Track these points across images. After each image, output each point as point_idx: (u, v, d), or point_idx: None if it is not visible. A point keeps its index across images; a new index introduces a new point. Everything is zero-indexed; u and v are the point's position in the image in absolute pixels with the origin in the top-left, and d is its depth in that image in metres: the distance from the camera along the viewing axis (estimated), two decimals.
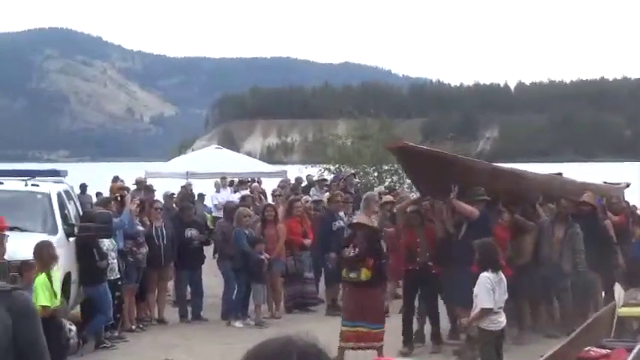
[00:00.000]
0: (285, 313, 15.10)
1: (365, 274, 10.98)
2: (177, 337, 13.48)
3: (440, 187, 11.77)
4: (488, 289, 9.14)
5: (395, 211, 13.53)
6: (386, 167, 25.93)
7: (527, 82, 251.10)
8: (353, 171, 24.98)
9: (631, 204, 17.07)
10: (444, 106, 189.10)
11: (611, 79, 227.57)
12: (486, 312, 9.18)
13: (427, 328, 12.53)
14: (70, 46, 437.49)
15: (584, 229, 13.31)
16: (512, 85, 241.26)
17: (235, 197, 21.13)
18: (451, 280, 11.75)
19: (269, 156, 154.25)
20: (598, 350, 10.09)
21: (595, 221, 13.95)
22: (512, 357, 10.49)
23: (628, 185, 18.12)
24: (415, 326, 12.44)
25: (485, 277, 9.17)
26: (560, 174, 16.21)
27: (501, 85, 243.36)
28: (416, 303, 12.52)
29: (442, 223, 12.22)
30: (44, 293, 10.07)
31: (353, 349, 10.98)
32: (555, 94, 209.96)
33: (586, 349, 10.05)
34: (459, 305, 11.47)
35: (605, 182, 18.28)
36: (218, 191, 24.01)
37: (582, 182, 16.06)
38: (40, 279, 10.21)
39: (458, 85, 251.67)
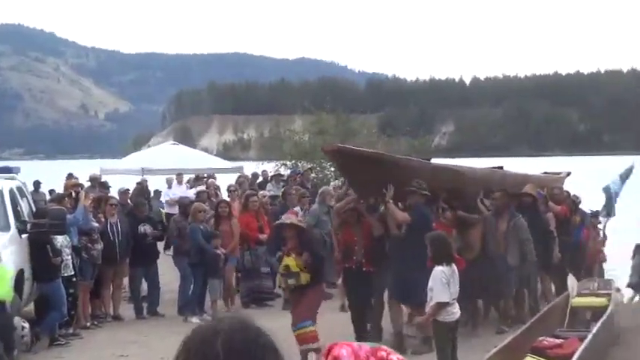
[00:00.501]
0: (241, 308, 15.07)
1: (305, 277, 10.57)
2: (134, 333, 13.40)
3: (378, 188, 11.50)
4: (444, 283, 9.14)
5: (333, 210, 13.33)
6: None
7: (482, 77, 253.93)
8: (310, 166, 25.01)
9: (572, 193, 17.11)
10: (400, 101, 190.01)
11: (564, 74, 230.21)
12: (443, 305, 9.19)
13: None
14: (23, 43, 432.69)
15: (527, 220, 13.22)
16: (467, 80, 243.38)
17: (191, 193, 21.05)
18: (398, 278, 11.47)
19: (225, 152, 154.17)
20: (551, 340, 10.20)
21: (536, 213, 13.93)
22: (466, 350, 10.54)
23: (569, 174, 17.98)
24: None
25: (440, 270, 9.16)
26: (500, 167, 16.04)
27: (457, 80, 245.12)
28: None
29: (380, 222, 11.89)
30: None
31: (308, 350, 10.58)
32: (510, 88, 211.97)
33: (540, 338, 10.15)
34: (407, 303, 11.59)
35: (545, 172, 18.15)
36: (170, 187, 23.88)
37: (524, 174, 16.06)
38: None
39: (414, 80, 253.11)
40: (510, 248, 12.93)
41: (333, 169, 25.31)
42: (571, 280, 13.46)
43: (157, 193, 24.42)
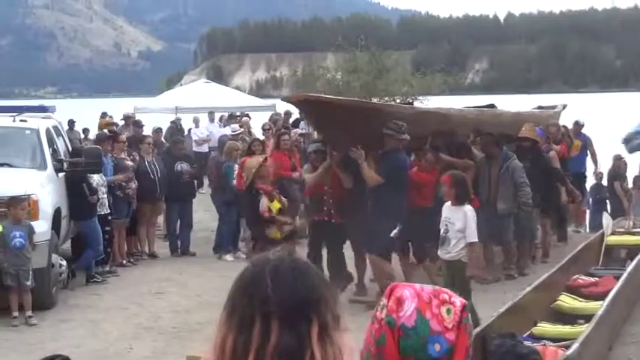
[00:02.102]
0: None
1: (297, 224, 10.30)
2: (169, 271, 13.54)
3: (353, 139, 10.60)
4: (475, 223, 9.03)
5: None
6: (375, 100, 25.83)
7: (517, 13, 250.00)
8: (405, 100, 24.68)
9: (575, 120, 16.76)
10: (433, 38, 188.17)
11: (600, 10, 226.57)
12: (476, 245, 9.12)
13: None
14: None
15: (529, 165, 12.48)
16: (501, 17, 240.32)
17: (223, 131, 21.08)
18: (369, 230, 10.64)
19: (258, 90, 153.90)
20: (586, 278, 10.20)
21: (538, 156, 13.12)
22: (482, 295, 10.50)
23: (564, 107, 16.91)
24: None
25: (471, 209, 9.03)
26: (492, 105, 15.15)
27: (491, 16, 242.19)
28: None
29: (350, 173, 11.03)
30: None
31: None
32: (545, 25, 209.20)
33: (574, 277, 10.15)
34: (379, 254, 10.70)
35: (540, 107, 16.99)
36: (197, 126, 23.87)
37: (516, 112, 15.17)
38: None
39: (447, 16, 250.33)
40: (502, 193, 12.14)
41: None
42: (606, 219, 13.40)
43: (190, 131, 24.51)
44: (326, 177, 11.13)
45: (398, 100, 25.71)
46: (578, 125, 17.17)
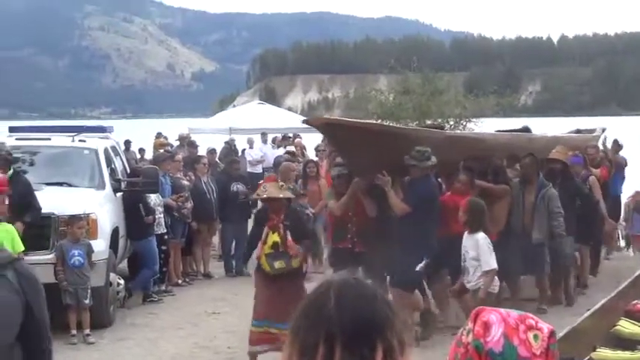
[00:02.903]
0: (328, 268, 15.14)
1: (296, 262, 9.02)
2: (223, 291, 13.60)
3: (379, 165, 10.06)
4: (491, 250, 8.78)
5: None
6: (429, 122, 25.75)
7: (571, 36, 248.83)
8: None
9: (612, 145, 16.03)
10: (486, 60, 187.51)
11: None
12: (494, 273, 8.90)
13: None
14: (111, 3, 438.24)
15: (558, 190, 11.80)
16: (555, 39, 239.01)
17: (276, 153, 21.19)
18: (394, 261, 10.04)
19: (310, 111, 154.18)
20: None
21: (569, 180, 12.33)
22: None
23: (604, 130, 16.35)
24: None
25: (484, 237, 8.78)
26: (526, 128, 14.57)
27: (544, 38, 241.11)
28: None
29: (374, 200, 10.48)
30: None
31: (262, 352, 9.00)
32: (599, 47, 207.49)
33: (634, 302, 9.99)
34: (402, 287, 9.95)
35: (578, 130, 16.29)
36: (251, 147, 24.02)
37: (553, 136, 14.48)
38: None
39: (500, 38, 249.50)
40: (538, 222, 11.53)
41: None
42: None
43: (244, 152, 24.68)
44: (350, 203, 10.61)
45: (452, 123, 25.68)
46: (617, 145, 16.87)
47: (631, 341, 8.71)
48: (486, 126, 19.36)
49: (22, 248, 9.31)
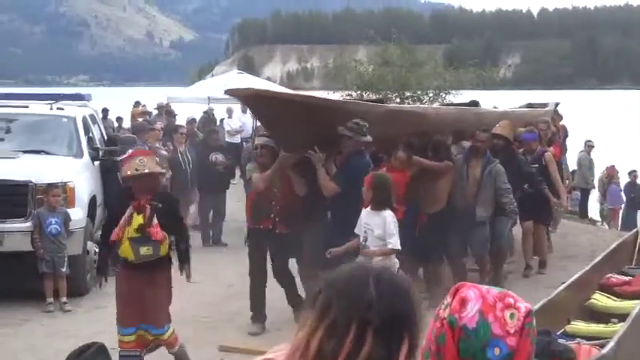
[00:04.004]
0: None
1: (164, 248, 7.69)
2: (200, 261, 13.50)
3: (311, 141, 9.19)
4: (397, 229, 8.18)
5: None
6: (408, 93, 25.75)
7: (551, 9, 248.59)
8: (376, 97, 24.78)
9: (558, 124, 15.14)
10: (465, 32, 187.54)
11: (636, 5, 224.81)
12: (394, 253, 8.18)
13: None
14: None
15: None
16: (535, 12, 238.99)
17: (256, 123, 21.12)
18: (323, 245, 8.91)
19: (289, 82, 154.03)
20: (620, 277, 10.14)
21: (512, 157, 11.64)
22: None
23: (557, 105, 15.84)
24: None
25: (391, 215, 8.17)
26: (475, 102, 14.21)
27: (524, 11, 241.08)
28: None
29: (304, 177, 9.52)
30: None
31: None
32: (579, 20, 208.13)
33: (607, 275, 10.09)
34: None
35: (530, 104, 15.80)
36: (230, 117, 23.89)
37: (502, 111, 13.91)
38: None
39: (480, 11, 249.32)
40: (482, 199, 10.90)
41: (398, 100, 25.16)
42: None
43: (223, 122, 24.60)
44: (275, 178, 9.51)
45: (431, 94, 25.68)
46: (557, 115, 16.14)
47: (604, 314, 8.80)
48: (465, 98, 19.34)
49: None
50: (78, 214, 11.01)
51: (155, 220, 7.54)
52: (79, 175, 11.51)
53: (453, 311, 2.04)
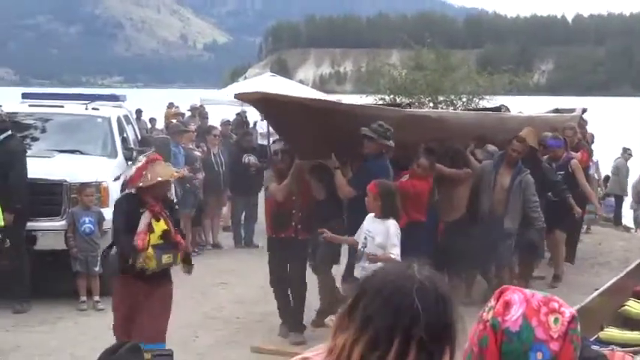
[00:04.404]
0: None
1: (179, 258, 7.48)
2: (232, 262, 13.64)
3: (328, 146, 8.93)
4: (399, 239, 7.95)
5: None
6: (441, 98, 25.70)
7: (586, 14, 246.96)
8: (409, 101, 24.69)
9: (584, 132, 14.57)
10: (499, 37, 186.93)
11: None
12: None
13: None
14: None
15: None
16: (569, 17, 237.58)
17: None
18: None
19: (321, 85, 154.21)
20: None
21: (537, 165, 11.20)
22: None
23: (584, 111, 15.17)
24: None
25: (395, 224, 7.97)
26: (501, 108, 13.85)
27: (558, 16, 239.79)
28: None
29: (322, 181, 9.31)
30: None
31: None
32: (614, 27, 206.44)
33: None
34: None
35: (557, 110, 15.22)
36: (263, 119, 23.87)
37: (528, 116, 13.31)
38: None
39: (514, 16, 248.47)
40: (510, 209, 10.56)
41: (431, 104, 25.11)
42: None
43: (256, 124, 24.62)
44: (293, 186, 9.24)
45: (464, 99, 25.60)
46: (582, 121, 15.56)
47: (638, 321, 8.73)
48: (497, 104, 19.26)
49: (2, 224, 9.43)
50: (111, 213, 11.06)
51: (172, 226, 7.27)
52: (113, 175, 11.58)
53: (497, 314, 2.02)
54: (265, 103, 9.07)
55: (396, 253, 7.81)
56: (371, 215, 8.07)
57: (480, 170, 10.69)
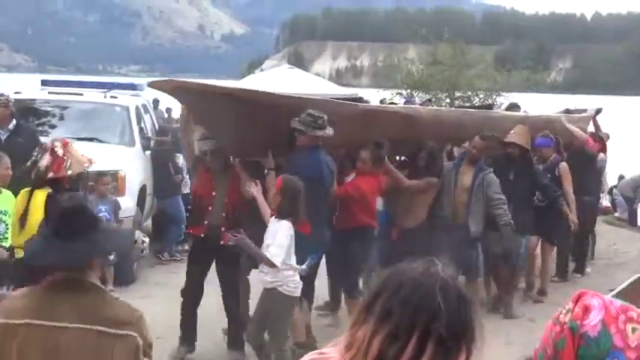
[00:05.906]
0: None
1: None
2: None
3: (262, 144, 7.97)
4: (290, 244, 7.14)
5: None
6: (458, 94, 25.61)
7: (605, 13, 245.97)
8: (428, 97, 24.57)
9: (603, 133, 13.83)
10: (517, 34, 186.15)
11: None
12: (272, 267, 7.16)
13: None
14: None
15: (514, 178, 10.17)
16: (588, 16, 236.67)
17: None
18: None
19: (338, 78, 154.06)
20: None
21: (528, 167, 10.38)
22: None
23: (599, 111, 14.04)
24: None
25: (288, 227, 7.14)
26: (491, 105, 13.13)
27: (577, 15, 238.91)
28: None
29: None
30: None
31: None
32: (633, 25, 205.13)
33: None
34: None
35: (567, 110, 14.08)
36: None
37: (524, 116, 11.93)
38: None
39: (533, 13, 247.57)
40: (474, 212, 9.71)
41: (448, 100, 25.04)
42: None
43: None
44: (220, 178, 8.21)
45: (481, 96, 25.51)
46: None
47: None
48: (516, 101, 19.19)
49: None
50: (128, 202, 11.10)
51: None
52: (130, 164, 11.61)
53: (575, 317, 2.02)
54: (180, 91, 8.13)
55: (273, 253, 7.03)
56: (274, 216, 7.28)
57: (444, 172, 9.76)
